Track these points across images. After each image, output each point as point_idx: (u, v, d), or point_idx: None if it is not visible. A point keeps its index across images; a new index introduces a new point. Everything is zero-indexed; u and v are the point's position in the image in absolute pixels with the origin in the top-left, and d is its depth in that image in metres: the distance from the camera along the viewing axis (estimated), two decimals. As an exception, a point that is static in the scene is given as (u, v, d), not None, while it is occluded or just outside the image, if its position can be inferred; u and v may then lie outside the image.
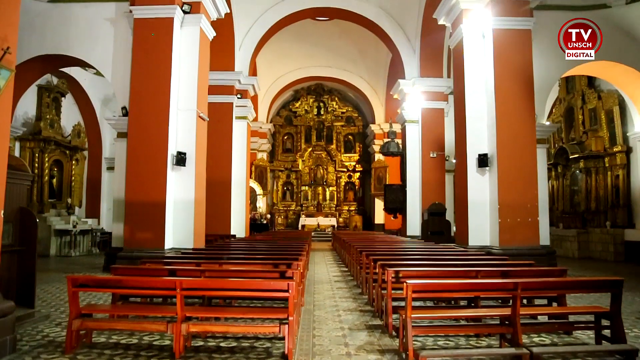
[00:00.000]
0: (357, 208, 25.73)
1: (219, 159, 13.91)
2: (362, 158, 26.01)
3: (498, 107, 9.52)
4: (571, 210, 15.63)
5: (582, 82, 14.98)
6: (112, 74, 9.96)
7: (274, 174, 25.68)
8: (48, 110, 14.49)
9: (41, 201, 14.25)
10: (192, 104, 9.66)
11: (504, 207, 9.23)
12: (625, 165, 13.29)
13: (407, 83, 15.78)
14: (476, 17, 9.87)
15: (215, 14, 10.64)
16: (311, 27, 19.05)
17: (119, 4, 9.97)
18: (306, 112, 26.22)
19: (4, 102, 4.44)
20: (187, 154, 9.42)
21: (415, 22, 15.30)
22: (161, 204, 9.05)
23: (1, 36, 4.32)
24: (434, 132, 15.31)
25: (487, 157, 9.64)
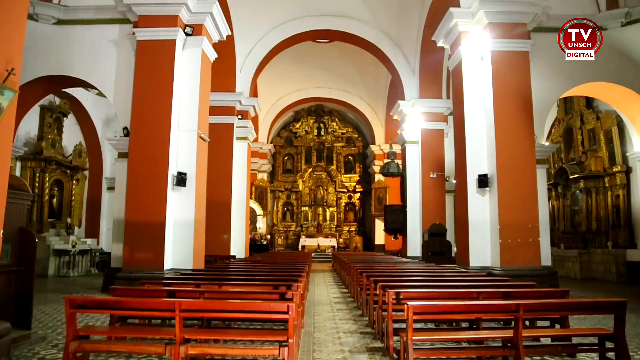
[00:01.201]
0: (358, 229, 25.64)
1: (220, 180, 13.93)
2: (362, 179, 26.03)
3: (497, 128, 9.56)
4: (572, 231, 15.57)
5: (580, 102, 15.10)
6: (114, 94, 10.05)
7: (274, 194, 25.67)
8: (50, 130, 14.58)
9: (41, 221, 14.21)
10: (193, 124, 9.71)
11: (505, 227, 9.19)
12: (625, 185, 13.30)
13: (406, 104, 15.90)
14: (474, 39, 10.00)
15: (217, 36, 10.79)
16: (311, 49, 19.29)
17: (123, 26, 10.11)
18: (306, 133, 26.35)
19: (6, 123, 4.47)
20: (187, 175, 9.43)
21: (415, 44, 15.51)
22: (161, 224, 9.02)
23: (6, 58, 4.37)
24: (434, 153, 15.37)
25: (487, 178, 9.65)
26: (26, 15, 4.92)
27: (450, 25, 10.35)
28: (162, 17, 9.52)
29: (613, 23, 10.49)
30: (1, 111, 4.37)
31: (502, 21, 9.71)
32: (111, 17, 10.16)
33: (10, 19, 4.54)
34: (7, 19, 4.50)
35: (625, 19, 10.43)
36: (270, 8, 15.24)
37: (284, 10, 15.49)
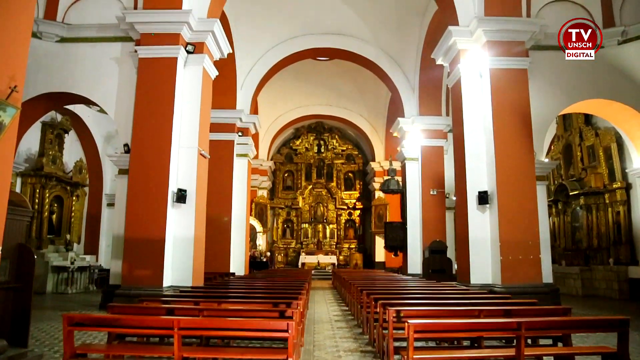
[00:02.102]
0: (358, 246, 25.54)
1: (220, 196, 13.92)
2: (362, 195, 26.02)
3: (497, 145, 9.59)
4: (573, 247, 15.51)
5: (579, 119, 15.18)
6: (116, 111, 10.11)
7: (274, 211, 25.63)
8: (51, 146, 14.63)
9: (40, 237, 14.16)
10: (193, 141, 9.74)
11: (506, 244, 9.16)
12: (625, 202, 13.29)
13: (406, 121, 15.99)
14: (473, 57, 10.10)
15: (218, 54, 10.89)
16: (312, 66, 19.47)
17: (125, 43, 10.22)
18: (306, 150, 26.42)
19: (8, 139, 4.49)
20: (187, 191, 9.43)
21: (414, 61, 15.66)
22: (160, 241, 8.99)
23: (9, 75, 4.41)
24: (434, 170, 15.39)
25: (487, 195, 9.64)
26: (30, 33, 4.97)
27: (449, 44, 10.46)
28: (164, 35, 9.63)
29: (610, 41, 10.62)
30: (3, 128, 4.39)
31: (500, 39, 9.82)
32: (114, 35, 10.29)
33: (14, 37, 4.59)
34: (12, 38, 4.55)
35: (622, 37, 10.56)
36: (271, 26, 15.42)
37: (284, 28, 15.68)
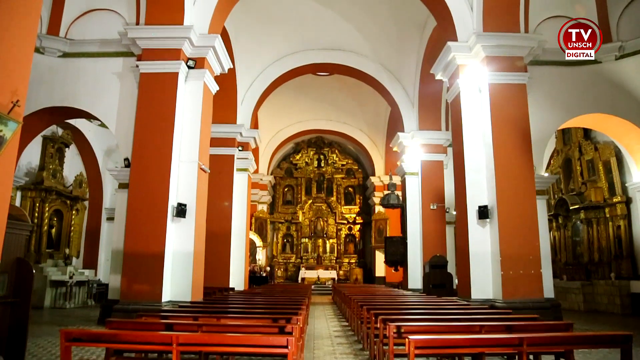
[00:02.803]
0: (358, 260, 25.43)
1: (219, 211, 13.91)
2: (362, 210, 25.99)
3: (496, 159, 9.60)
4: (574, 262, 15.45)
5: (578, 133, 15.23)
6: (116, 125, 10.15)
7: (274, 225, 25.58)
8: (51, 160, 14.66)
9: (39, 251, 14.11)
10: (194, 155, 9.76)
11: (506, 259, 9.12)
12: (626, 216, 13.27)
13: (406, 136, 16.04)
14: (472, 72, 10.16)
15: (219, 69, 10.97)
16: (312, 81, 19.60)
17: (126, 59, 10.31)
18: (306, 165, 26.46)
19: (9, 153, 4.50)
20: (187, 206, 9.41)
21: (413, 76, 15.77)
22: (160, 256, 8.95)
23: (12, 90, 4.44)
24: (434, 184, 15.40)
25: (487, 209, 9.62)
26: (33, 49, 5.03)
27: (448, 59, 10.54)
28: (166, 51, 9.71)
29: (607, 56, 10.72)
30: (4, 142, 4.41)
31: (499, 55, 9.89)
32: (115, 50, 10.38)
33: (17, 52, 4.64)
34: (15, 53, 4.60)
35: (619, 52, 10.66)
36: (272, 42, 15.57)
37: (285, 44, 15.82)
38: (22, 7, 4.71)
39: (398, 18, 14.58)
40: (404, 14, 14.35)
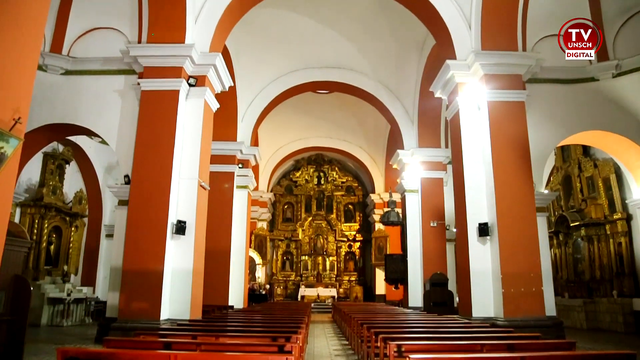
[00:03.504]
0: (358, 278, 25.27)
1: (219, 228, 13.87)
2: (362, 227, 25.92)
3: (496, 177, 9.61)
4: (576, 279, 15.35)
5: (577, 150, 15.28)
6: (117, 142, 10.18)
7: (273, 243, 25.48)
8: (52, 177, 14.67)
9: (37, 268, 14.01)
10: (194, 173, 9.77)
11: (507, 276, 9.06)
12: (627, 233, 13.23)
13: (405, 153, 16.09)
14: (471, 90, 10.24)
15: (219, 87, 11.06)
16: (312, 99, 19.74)
17: (128, 76, 10.40)
18: (306, 182, 26.48)
19: (9, 170, 4.51)
20: (187, 223, 9.39)
21: (413, 94, 15.89)
22: (159, 273, 8.90)
23: (14, 107, 4.48)
24: (434, 202, 15.39)
25: (488, 226, 9.60)
26: (36, 67, 5.07)
27: (447, 77, 10.63)
28: (167, 69, 9.80)
29: (604, 74, 10.82)
30: (5, 159, 4.42)
31: (497, 73, 9.99)
32: (117, 68, 10.48)
33: (20, 70, 4.68)
34: (18, 71, 4.65)
35: (616, 70, 10.77)
36: (272, 60, 15.73)
37: (285, 62, 15.98)
38: (25, 27, 4.77)
39: (397, 36, 14.76)
40: (403, 33, 14.52)
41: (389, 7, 12.91)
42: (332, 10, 14.05)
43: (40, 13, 5.03)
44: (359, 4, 13.69)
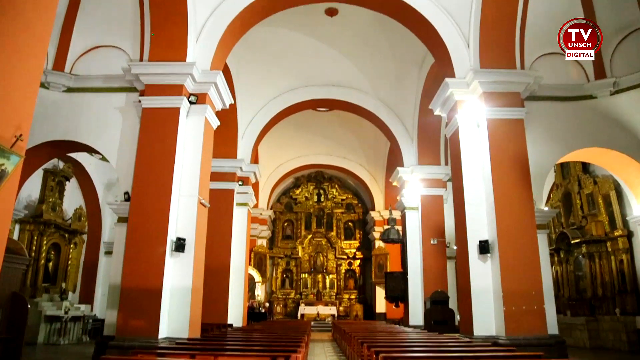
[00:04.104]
0: (358, 296, 25.08)
1: (219, 246, 13.82)
2: (362, 245, 25.81)
3: (496, 194, 9.60)
4: (578, 297, 15.22)
5: (576, 167, 15.31)
6: (118, 159, 10.18)
7: (273, 260, 25.35)
8: (51, 193, 14.67)
9: (35, 285, 13.91)
10: (194, 190, 9.76)
11: (509, 294, 8.99)
12: (628, 250, 13.17)
13: (405, 171, 16.12)
14: (470, 107, 10.30)
15: (220, 104, 11.12)
16: (312, 117, 19.84)
17: (129, 94, 10.46)
18: (306, 199, 26.46)
19: (10, 186, 4.52)
20: (186, 240, 9.35)
21: (412, 112, 15.99)
22: (157, 291, 8.82)
23: (16, 124, 4.50)
24: (434, 219, 15.36)
25: (488, 244, 9.56)
26: (38, 85, 5.12)
27: (447, 95, 10.71)
28: (168, 86, 9.86)
29: (602, 92, 10.89)
30: (5, 175, 4.43)
31: (496, 90, 10.06)
32: (119, 85, 10.54)
33: (23, 88, 4.72)
34: (20, 89, 4.69)
35: (614, 87, 10.84)
36: (273, 78, 15.87)
37: (285, 80, 16.12)
38: (29, 46, 4.83)
39: (397, 55, 14.90)
40: (402, 51, 14.67)
41: (388, 26, 13.06)
42: (332, 28, 14.22)
43: (43, 32, 5.09)
44: (359, 23, 13.86)
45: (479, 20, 10.17)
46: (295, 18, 13.42)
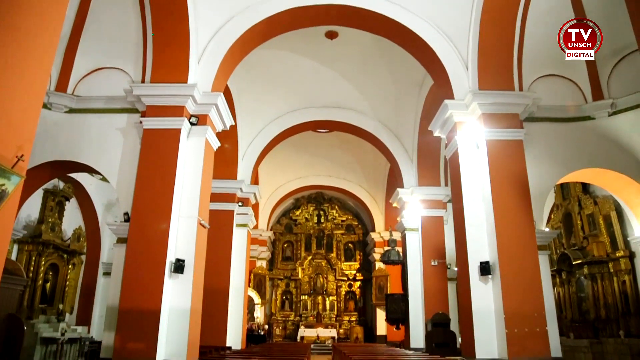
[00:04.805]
0: (358, 318, 24.80)
1: (218, 267, 13.74)
2: (362, 266, 25.65)
3: (496, 215, 9.59)
4: (580, 319, 15.02)
5: (576, 188, 15.28)
6: (118, 180, 10.20)
7: (273, 282, 25.15)
8: (51, 213, 14.62)
9: (31, 306, 13.74)
10: (193, 211, 9.75)
11: (510, 316, 8.89)
12: (630, 271, 13.05)
13: (405, 192, 16.12)
14: (469, 128, 10.36)
15: (220, 126, 11.19)
16: (312, 138, 19.95)
17: (131, 115, 10.54)
18: (306, 220, 26.39)
19: (9, 207, 4.52)
20: (185, 262, 9.29)
21: (412, 133, 16.07)
22: (156, 313, 8.74)
23: (18, 145, 4.52)
24: (434, 240, 15.30)
25: (489, 265, 9.50)
26: (41, 106, 5.17)
27: (446, 116, 10.78)
28: (169, 108, 9.95)
29: (600, 113, 10.97)
30: (5, 196, 4.43)
31: (495, 112, 10.14)
32: (120, 106, 10.63)
33: (26, 109, 4.76)
34: (23, 109, 4.72)
35: (611, 109, 10.91)
36: (273, 100, 16.02)
37: (286, 101, 16.26)
38: (33, 68, 4.89)
39: (396, 76, 15.06)
40: (401, 73, 14.83)
41: (387, 48, 13.24)
42: (332, 51, 14.40)
43: (48, 54, 5.15)
44: (359, 45, 14.05)
45: (477, 43, 10.32)
46: (296, 40, 13.62)
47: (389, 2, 10.79)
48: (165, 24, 10.00)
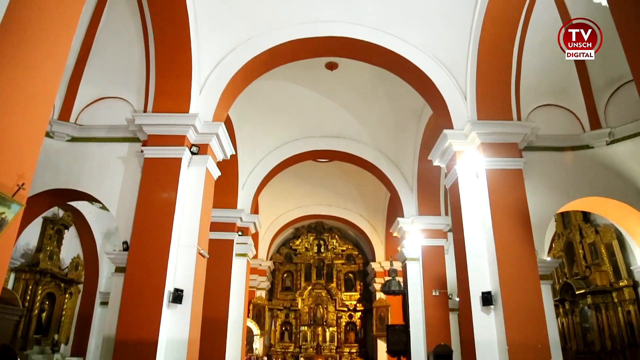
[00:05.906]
0: (359, 350, 24.29)
1: (217, 297, 13.56)
2: (363, 297, 25.30)
3: (497, 244, 9.52)
4: (586, 350, 14.72)
5: (577, 217, 15.22)
6: (118, 208, 10.17)
7: (272, 312, 24.76)
8: (50, 242, 14.53)
9: (26, 336, 13.49)
10: (193, 240, 9.70)
11: (514, 347, 8.72)
12: (634, 300, 12.88)
13: (406, 221, 16.05)
14: (469, 158, 10.40)
15: (221, 155, 11.25)
16: (312, 167, 19.98)
17: (132, 144, 10.59)
18: (306, 250, 26.17)
19: (8, 235, 4.50)
20: (184, 291, 9.18)
21: (412, 163, 16.12)
22: (153, 344, 8.57)
23: (19, 173, 4.54)
24: (435, 270, 15.14)
25: (491, 295, 9.37)
26: (44, 135, 5.20)
27: (445, 146, 10.84)
28: (171, 137, 10.02)
29: (598, 142, 11.03)
30: (5, 224, 4.42)
31: (494, 141, 10.19)
32: (122, 135, 10.69)
33: (28, 137, 4.80)
34: (26, 138, 4.76)
35: (609, 137, 10.98)
36: (273, 129, 16.13)
37: (286, 131, 16.38)
38: (37, 97, 4.95)
39: (395, 106, 15.21)
40: (401, 103, 14.98)
41: (386, 79, 13.41)
42: (331, 81, 14.59)
43: (51, 84, 5.22)
44: (358, 76, 14.25)
45: (475, 73, 10.47)
46: (297, 71, 13.81)
47: (388, 35, 11.00)
48: (168, 55, 10.16)
